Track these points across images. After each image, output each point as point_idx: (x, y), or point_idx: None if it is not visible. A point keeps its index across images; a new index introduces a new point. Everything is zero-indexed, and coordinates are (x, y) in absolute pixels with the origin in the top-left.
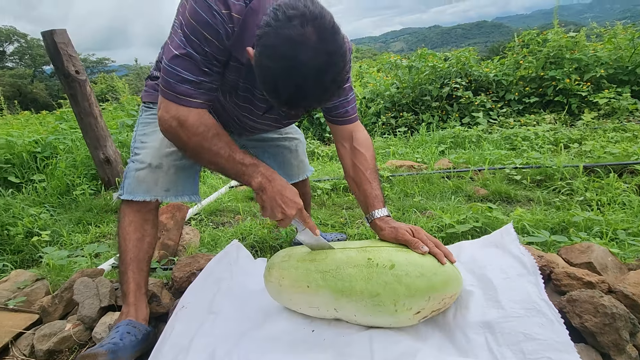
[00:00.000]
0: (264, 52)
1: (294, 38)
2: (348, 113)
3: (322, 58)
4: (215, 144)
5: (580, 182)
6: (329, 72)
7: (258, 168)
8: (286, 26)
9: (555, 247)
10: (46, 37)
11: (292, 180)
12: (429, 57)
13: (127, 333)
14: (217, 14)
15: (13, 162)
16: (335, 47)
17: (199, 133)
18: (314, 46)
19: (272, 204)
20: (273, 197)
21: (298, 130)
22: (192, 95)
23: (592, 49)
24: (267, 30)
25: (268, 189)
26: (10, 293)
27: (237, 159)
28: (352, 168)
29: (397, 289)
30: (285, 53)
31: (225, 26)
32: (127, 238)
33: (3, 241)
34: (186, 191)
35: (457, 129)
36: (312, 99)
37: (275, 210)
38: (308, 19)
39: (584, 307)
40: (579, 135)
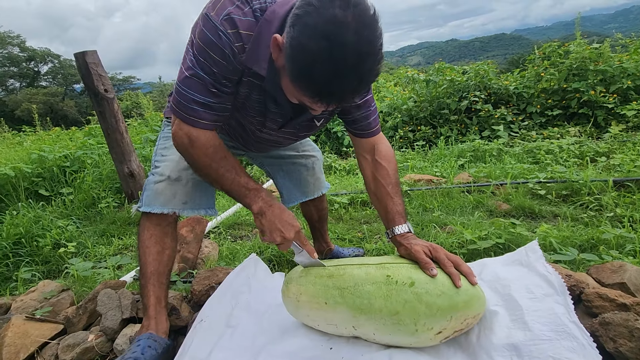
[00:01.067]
0: (304, 30)
1: (338, 19)
2: (370, 125)
3: (363, 44)
4: (222, 165)
5: (609, 197)
6: (368, 61)
7: (260, 193)
8: (330, 6)
9: (585, 265)
10: (78, 58)
11: (307, 197)
12: (446, 70)
13: (149, 347)
14: (223, 34)
15: (44, 176)
16: (376, 36)
17: (208, 154)
18: (357, 30)
19: (271, 227)
20: (272, 221)
21: (315, 147)
22: (201, 116)
23: (617, 60)
24: (308, 10)
25: (267, 213)
26: (37, 303)
27: (242, 183)
28: (373, 181)
29: (417, 307)
30: (328, 33)
31: (232, 46)
32: (147, 252)
33: (32, 252)
34: (203, 204)
35: (476, 143)
36: (346, 88)
37: (275, 233)
38: (350, 3)
39: (618, 331)
40: (607, 149)
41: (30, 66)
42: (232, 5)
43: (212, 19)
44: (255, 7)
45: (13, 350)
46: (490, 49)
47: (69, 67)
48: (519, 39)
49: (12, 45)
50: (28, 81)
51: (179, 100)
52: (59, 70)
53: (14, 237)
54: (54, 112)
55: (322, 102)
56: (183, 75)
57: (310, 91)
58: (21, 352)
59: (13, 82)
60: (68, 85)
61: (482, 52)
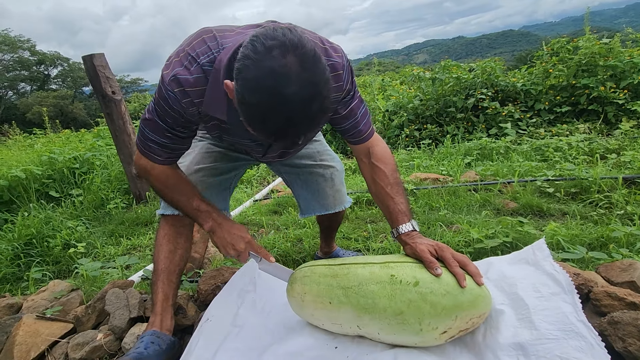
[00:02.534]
0: (246, 85)
1: (277, 70)
2: (361, 132)
3: (307, 88)
4: (174, 192)
5: (619, 195)
6: (316, 101)
7: (211, 214)
8: (267, 58)
9: (594, 264)
10: (86, 60)
11: (327, 211)
12: (452, 68)
13: (152, 343)
14: (170, 94)
15: (54, 178)
16: (319, 76)
17: (161, 182)
18: (298, 77)
19: (223, 242)
20: (222, 236)
21: (335, 158)
22: (156, 153)
23: (627, 55)
24: (247, 63)
25: (217, 231)
26: (47, 302)
27: (194, 206)
28: (373, 184)
29: (421, 307)
30: (270, 86)
31: (180, 103)
32: (160, 250)
33: (43, 252)
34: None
35: (483, 140)
36: (301, 129)
37: (227, 247)
38: (288, 49)
39: (627, 330)
40: (617, 145)
41: (41, 70)
42: (180, 66)
43: (163, 78)
44: (203, 61)
45: (24, 348)
46: (498, 46)
47: (78, 70)
48: (527, 35)
49: (23, 50)
50: (38, 84)
51: (140, 136)
52: (69, 74)
53: (26, 238)
54: (64, 115)
55: (280, 143)
56: (144, 117)
57: (265, 136)
58: (32, 351)
59: (24, 86)
60: (77, 88)
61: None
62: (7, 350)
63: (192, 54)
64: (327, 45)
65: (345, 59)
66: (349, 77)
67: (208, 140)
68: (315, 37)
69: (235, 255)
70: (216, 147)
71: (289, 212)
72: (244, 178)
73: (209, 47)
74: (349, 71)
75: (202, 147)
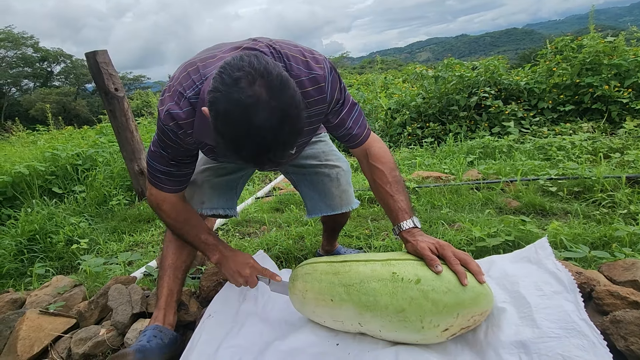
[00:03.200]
0: (218, 118)
1: (245, 101)
2: (356, 137)
3: (276, 115)
4: (183, 227)
5: (623, 194)
6: (286, 126)
7: (217, 247)
8: (234, 89)
9: (596, 263)
10: (89, 57)
11: (334, 212)
12: (455, 66)
13: (154, 337)
14: (166, 128)
15: (57, 174)
16: (287, 101)
17: (171, 217)
18: (266, 105)
19: (229, 272)
20: (228, 266)
21: (341, 158)
22: (164, 183)
23: (632, 54)
24: (217, 96)
25: (223, 262)
26: (51, 298)
27: (202, 239)
28: (373, 184)
29: (423, 304)
30: (239, 118)
31: (176, 134)
32: (169, 246)
33: (46, 248)
34: (221, 205)
35: (486, 139)
36: (275, 153)
37: (234, 275)
38: (255, 78)
39: (630, 329)
40: (621, 144)
41: (44, 66)
42: (171, 101)
43: (160, 114)
44: (189, 95)
45: (28, 343)
46: (501, 44)
47: (81, 67)
48: (530, 33)
49: (26, 46)
50: (41, 81)
51: (148, 169)
52: (72, 70)
53: (29, 234)
54: (67, 112)
55: (259, 167)
56: (150, 150)
57: (244, 162)
58: (35, 345)
59: (27, 82)
60: (80, 85)
61: (492, 48)
62: (10, 344)
63: (179, 90)
64: (309, 57)
65: (327, 70)
66: (336, 86)
67: None
68: (297, 50)
69: (243, 282)
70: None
71: (290, 210)
72: None
73: (193, 81)
74: (335, 80)
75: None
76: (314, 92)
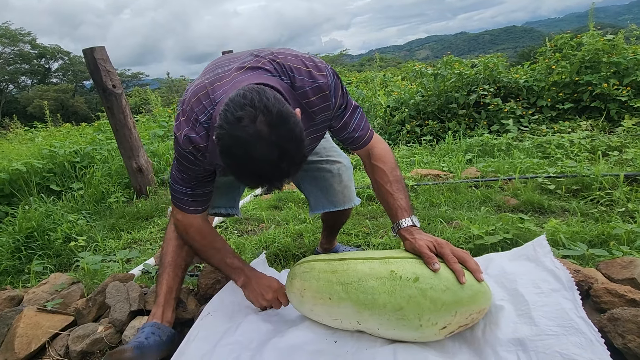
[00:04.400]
0: (222, 152)
1: (246, 139)
2: (358, 139)
3: (275, 151)
4: (209, 251)
5: (621, 192)
6: (284, 160)
7: (243, 271)
8: (236, 128)
9: (594, 261)
10: (87, 54)
11: (336, 208)
12: (455, 64)
13: (152, 334)
14: (186, 152)
15: (55, 171)
16: (286, 136)
17: (197, 241)
18: (266, 141)
19: (254, 294)
20: (253, 289)
21: (342, 154)
22: (188, 205)
23: (631, 52)
24: (221, 133)
25: (248, 285)
26: (48, 295)
27: (227, 263)
28: (375, 183)
29: (421, 303)
30: (240, 154)
31: (195, 157)
32: (169, 244)
33: (44, 245)
34: (223, 204)
35: (485, 137)
36: (276, 182)
37: (258, 298)
38: (256, 116)
39: (627, 327)
40: (619, 143)
41: (41, 63)
42: (187, 126)
43: (178, 139)
44: (203, 120)
45: (25, 340)
46: (501, 42)
47: (78, 63)
48: (530, 31)
49: (24, 43)
50: (39, 78)
51: (172, 193)
52: (69, 67)
53: (26, 231)
54: (65, 109)
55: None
56: (172, 175)
57: (253, 186)
58: (33, 343)
59: (24, 79)
60: (78, 82)
61: (492, 45)
62: (8, 342)
63: (193, 116)
64: (311, 66)
65: (330, 77)
66: (339, 92)
67: None
68: (298, 60)
69: (267, 305)
70: None
71: (289, 207)
72: None
73: (205, 107)
74: (338, 86)
75: None
76: (318, 101)
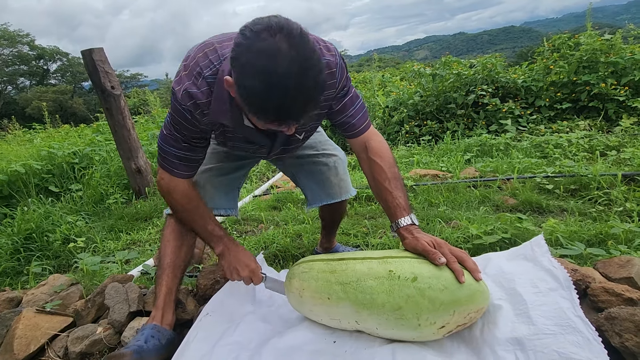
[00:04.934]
0: (241, 71)
1: (267, 50)
2: (356, 126)
3: (298, 64)
4: (192, 215)
5: (619, 192)
6: (310, 74)
7: (222, 240)
8: (256, 41)
9: (592, 260)
10: (85, 55)
11: (333, 200)
12: (453, 64)
13: (152, 337)
14: (184, 108)
15: (53, 173)
16: (308, 51)
17: (182, 203)
18: (288, 54)
19: (229, 267)
20: (230, 261)
21: (337, 148)
22: (177, 167)
23: (629, 52)
24: (239, 50)
25: (226, 255)
26: (47, 296)
27: (209, 230)
28: (372, 180)
29: (419, 302)
30: (262, 67)
31: (193, 114)
32: (167, 244)
33: (43, 247)
34: (222, 205)
35: (483, 137)
36: (299, 108)
37: (232, 272)
38: (275, 30)
39: (625, 326)
40: (617, 142)
41: (40, 64)
42: (189, 80)
43: (176, 94)
44: (207, 74)
45: (24, 342)
46: (499, 42)
47: (77, 65)
48: (528, 31)
49: (22, 44)
50: (38, 79)
51: (160, 153)
52: (68, 68)
53: (25, 232)
54: (64, 110)
55: (284, 124)
56: (162, 134)
57: (269, 119)
58: (32, 344)
59: (23, 81)
60: (77, 83)
61: (490, 46)
62: (7, 343)
63: (196, 69)
64: (321, 44)
65: (338, 57)
66: (344, 74)
67: (213, 142)
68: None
69: (238, 279)
70: (220, 146)
71: (288, 208)
72: None
73: (211, 61)
74: (343, 68)
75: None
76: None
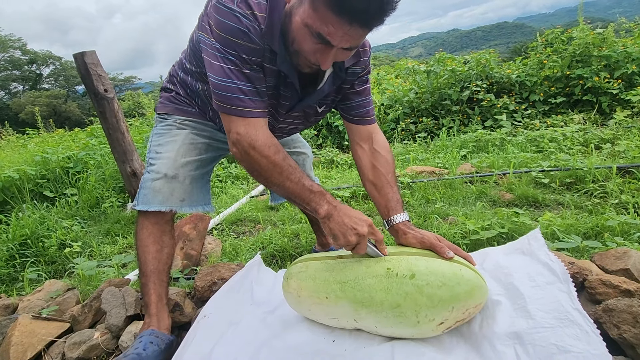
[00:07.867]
0: None
1: None
2: (369, 113)
3: None
4: (285, 168)
5: (614, 184)
6: None
7: (325, 196)
8: None
9: (589, 253)
10: (77, 58)
11: None
12: (447, 61)
13: (150, 343)
14: (242, 17)
15: (48, 177)
16: None
17: (269, 155)
18: None
19: (342, 228)
20: (341, 221)
21: (306, 144)
22: (247, 105)
23: (621, 45)
24: None
25: (335, 215)
26: (43, 302)
27: (306, 185)
28: (371, 170)
29: (418, 299)
30: None
31: (253, 25)
32: (146, 250)
33: (38, 252)
34: (200, 201)
35: (479, 133)
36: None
37: (348, 233)
38: None
39: (622, 317)
40: (612, 135)
41: (32, 69)
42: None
43: (227, 5)
44: None
45: (20, 349)
46: (493, 38)
47: (70, 69)
48: (521, 27)
49: (14, 49)
50: (30, 84)
51: (221, 94)
52: (61, 73)
53: (20, 238)
54: (57, 114)
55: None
56: (216, 67)
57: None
58: (28, 351)
59: (16, 86)
60: (70, 87)
61: (484, 42)
62: (3, 350)
63: None
64: None
65: (369, 45)
66: (369, 60)
67: (190, 129)
68: None
69: (355, 242)
70: (200, 137)
71: (285, 208)
72: (239, 174)
73: None
74: (369, 54)
75: (186, 137)
76: (360, 53)
